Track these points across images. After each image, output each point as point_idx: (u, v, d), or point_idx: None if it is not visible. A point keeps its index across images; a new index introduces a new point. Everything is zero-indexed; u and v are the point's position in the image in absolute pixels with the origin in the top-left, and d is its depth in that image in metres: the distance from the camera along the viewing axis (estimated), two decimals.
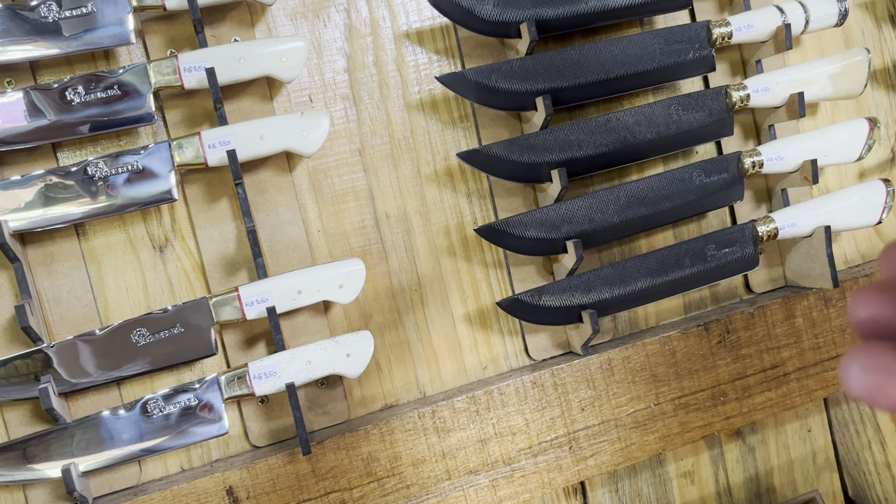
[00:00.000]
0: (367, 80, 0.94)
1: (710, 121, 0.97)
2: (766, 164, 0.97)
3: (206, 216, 0.89)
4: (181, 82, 0.84)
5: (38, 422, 0.85)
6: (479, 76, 0.91)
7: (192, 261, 0.89)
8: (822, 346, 1.01)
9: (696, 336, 0.97)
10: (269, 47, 0.86)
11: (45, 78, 0.85)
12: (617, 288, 0.94)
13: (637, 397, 0.95)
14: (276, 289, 0.85)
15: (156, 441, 0.84)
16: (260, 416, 0.90)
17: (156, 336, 0.84)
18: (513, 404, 0.92)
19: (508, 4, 0.91)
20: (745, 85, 0.97)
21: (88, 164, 0.82)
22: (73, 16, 0.82)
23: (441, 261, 0.96)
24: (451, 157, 0.96)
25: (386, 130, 0.95)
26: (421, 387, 0.96)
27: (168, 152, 0.84)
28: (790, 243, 1.03)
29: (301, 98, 0.92)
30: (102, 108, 0.83)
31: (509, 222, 0.92)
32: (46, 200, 0.82)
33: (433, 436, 0.90)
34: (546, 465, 0.93)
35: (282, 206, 0.91)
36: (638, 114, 0.95)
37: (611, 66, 0.94)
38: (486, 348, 0.98)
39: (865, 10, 1.09)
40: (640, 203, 0.94)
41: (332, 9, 0.93)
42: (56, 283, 0.86)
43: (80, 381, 0.83)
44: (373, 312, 0.94)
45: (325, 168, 0.93)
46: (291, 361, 0.84)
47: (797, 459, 1.10)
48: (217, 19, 0.89)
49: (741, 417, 0.99)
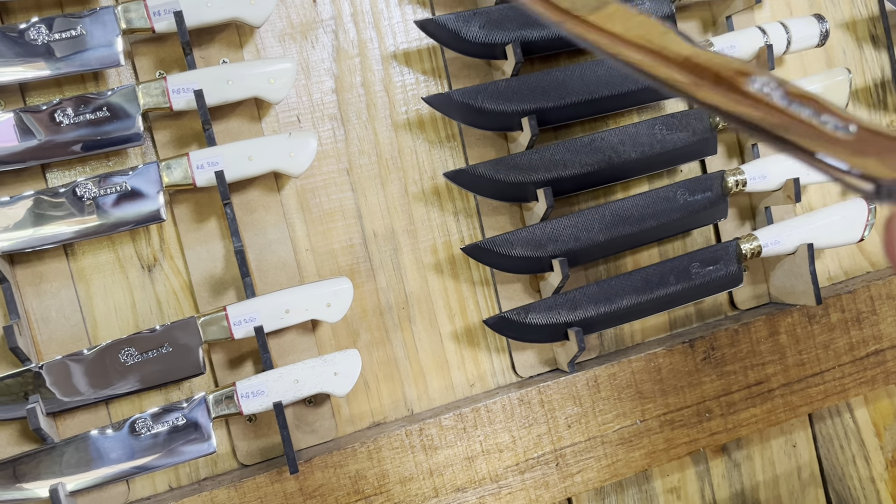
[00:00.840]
0: (355, 100, 0.95)
1: (694, 140, 0.98)
2: (749, 182, 0.99)
3: (194, 236, 0.90)
4: (170, 104, 0.85)
5: (26, 441, 0.85)
6: (465, 97, 0.92)
7: (181, 280, 0.90)
8: (805, 362, 1.02)
9: (682, 353, 0.98)
10: (258, 69, 0.87)
11: (35, 99, 0.86)
12: (603, 305, 0.95)
13: (623, 414, 0.96)
14: (264, 308, 0.85)
15: (144, 460, 0.84)
16: (248, 435, 0.90)
17: (144, 355, 0.84)
18: (500, 421, 0.93)
19: (494, 27, 0.92)
20: None
21: (77, 184, 0.83)
22: (63, 38, 0.82)
23: (428, 279, 0.97)
24: (438, 176, 0.97)
25: (374, 150, 0.96)
26: (408, 404, 0.97)
27: (157, 173, 0.84)
28: (774, 261, 1.04)
29: (289, 118, 0.93)
30: (91, 129, 0.84)
31: (496, 241, 0.93)
32: (35, 221, 0.82)
33: (420, 453, 0.90)
34: (533, 481, 0.94)
35: (270, 225, 0.92)
36: (622, 133, 0.96)
37: (595, 86, 0.95)
38: (473, 365, 0.98)
39: (846, 30, 1.11)
40: (625, 221, 0.95)
41: (320, 30, 0.95)
42: (45, 303, 0.86)
43: (69, 401, 0.83)
44: (360, 330, 0.95)
45: (313, 187, 0.94)
46: (279, 380, 0.85)
47: (782, 475, 1.11)
48: (206, 41, 0.90)
49: (726, 433, 1.00)
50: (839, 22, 1.11)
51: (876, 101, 1.12)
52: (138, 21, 0.84)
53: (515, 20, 0.93)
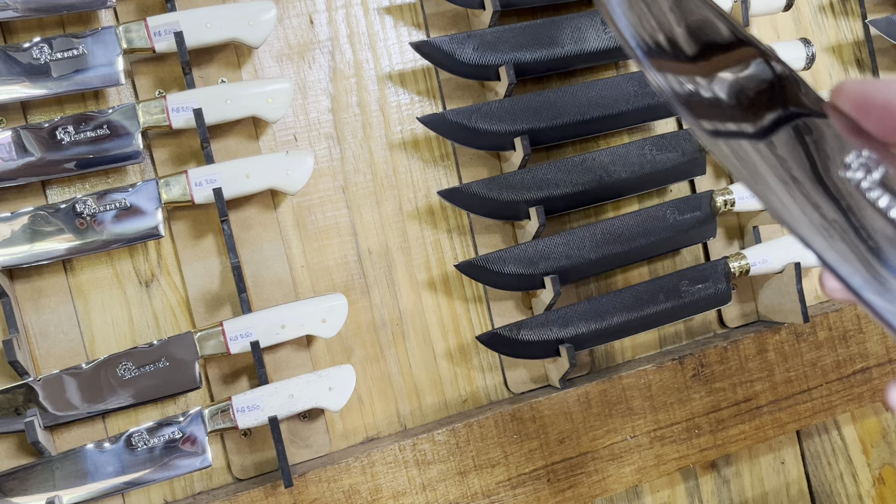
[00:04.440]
0: (351, 119, 0.97)
1: (684, 160, 1.00)
2: (737, 202, 1.00)
3: (191, 252, 0.91)
4: (169, 122, 0.86)
5: (23, 455, 0.86)
6: (459, 117, 0.94)
7: (178, 296, 0.91)
8: (793, 379, 1.03)
9: (671, 370, 0.99)
10: (256, 88, 0.89)
11: (36, 117, 0.88)
12: (594, 322, 0.96)
13: (614, 430, 0.97)
14: (260, 323, 0.87)
15: (140, 473, 0.85)
16: (243, 449, 0.91)
17: (141, 370, 0.85)
18: (492, 437, 0.94)
19: (488, 48, 0.94)
20: None
21: (77, 201, 0.84)
22: (65, 57, 0.84)
23: (422, 296, 0.98)
24: (432, 194, 0.99)
25: (369, 168, 0.97)
26: (402, 420, 0.98)
27: (155, 190, 0.86)
28: (762, 279, 1.06)
29: (286, 137, 0.95)
30: (91, 146, 0.85)
31: (489, 258, 0.94)
32: (35, 236, 0.84)
33: (413, 468, 0.91)
34: (525, 497, 0.95)
35: (266, 242, 0.93)
36: (613, 154, 0.98)
37: (587, 107, 0.97)
38: (466, 382, 1.00)
39: (832, 54, 1.13)
40: (615, 240, 0.97)
41: (317, 51, 0.96)
42: (43, 318, 0.87)
43: (66, 415, 0.84)
44: (355, 346, 0.96)
45: (309, 205, 0.95)
46: (274, 395, 0.86)
47: (771, 491, 1.12)
48: (205, 61, 0.92)
49: (716, 450, 1.01)
50: (825, 46, 1.13)
51: None
52: (139, 41, 0.85)
53: (508, 43, 0.95)
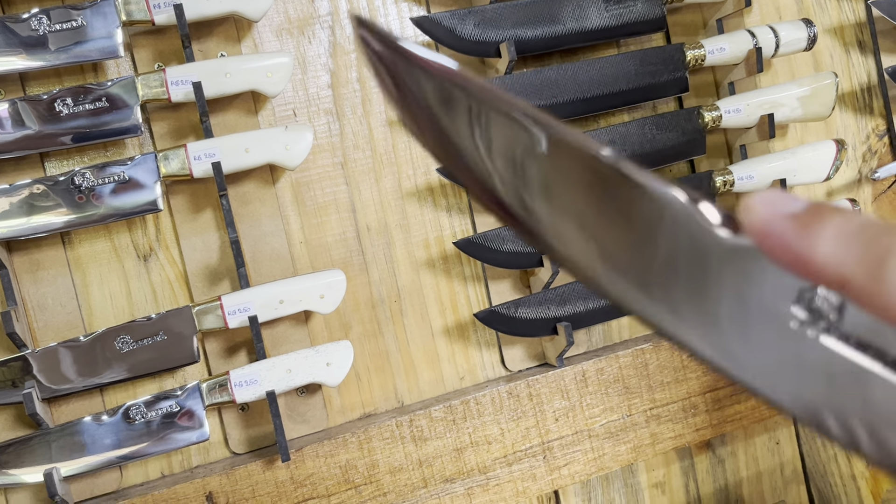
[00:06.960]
0: (351, 95, 0.97)
1: (683, 140, 1.00)
2: (737, 183, 1.00)
3: (190, 226, 0.91)
4: (168, 95, 0.86)
5: (21, 427, 0.86)
6: None
7: (176, 270, 0.91)
8: None
9: (669, 349, 0.99)
10: (255, 62, 0.88)
11: (35, 89, 0.87)
12: (591, 301, 0.97)
13: (610, 408, 0.98)
14: (259, 298, 0.87)
15: (137, 447, 0.85)
16: (240, 424, 0.91)
17: (139, 343, 0.86)
18: (489, 414, 0.94)
19: (489, 25, 0.94)
20: (718, 106, 1.00)
21: (75, 174, 0.84)
22: (63, 29, 0.83)
23: (420, 273, 0.98)
24: (431, 172, 0.99)
25: (368, 145, 0.97)
26: (399, 396, 0.98)
27: (154, 163, 0.85)
28: None
29: (285, 112, 0.94)
30: (90, 119, 0.85)
31: (487, 236, 0.94)
32: (33, 209, 0.83)
33: (410, 444, 0.92)
34: (521, 473, 0.95)
35: (265, 217, 0.93)
36: (613, 133, 0.97)
37: (587, 85, 0.97)
38: (463, 359, 1.00)
39: (834, 35, 1.13)
40: None
41: (317, 26, 0.96)
42: (41, 291, 0.87)
43: (64, 388, 0.84)
44: (353, 323, 0.96)
45: (308, 181, 0.95)
46: (272, 370, 0.86)
47: (766, 471, 1.12)
48: (204, 34, 0.91)
49: (711, 429, 1.02)
50: (827, 27, 1.13)
51: (862, 106, 1.14)
52: (138, 13, 0.85)
53: (509, 19, 0.94)
